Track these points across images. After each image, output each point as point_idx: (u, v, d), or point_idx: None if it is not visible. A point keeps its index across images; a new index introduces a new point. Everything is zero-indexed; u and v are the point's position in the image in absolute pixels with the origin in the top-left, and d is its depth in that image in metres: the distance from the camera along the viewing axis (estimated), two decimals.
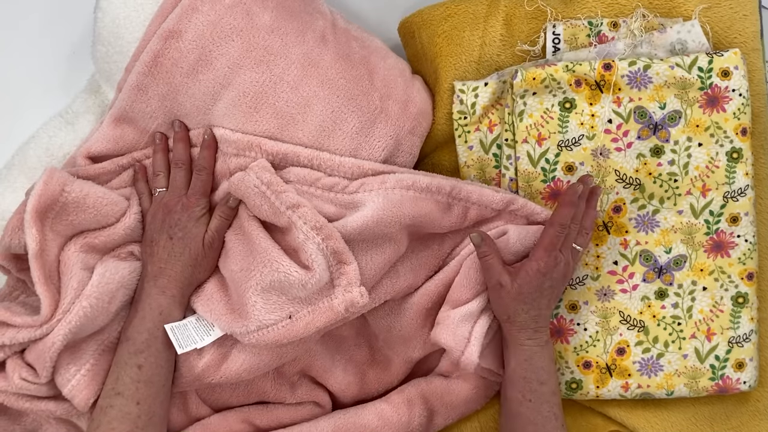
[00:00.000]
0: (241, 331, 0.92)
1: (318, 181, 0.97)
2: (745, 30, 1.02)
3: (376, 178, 0.97)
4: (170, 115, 1.00)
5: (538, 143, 1.01)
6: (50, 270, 0.93)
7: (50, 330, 0.90)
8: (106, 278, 0.92)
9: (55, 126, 1.06)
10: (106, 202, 0.96)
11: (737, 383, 1.03)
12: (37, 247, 0.91)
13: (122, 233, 0.98)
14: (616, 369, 1.04)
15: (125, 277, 0.95)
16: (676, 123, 1.00)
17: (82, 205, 0.94)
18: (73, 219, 0.94)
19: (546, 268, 0.95)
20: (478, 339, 0.97)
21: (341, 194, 0.97)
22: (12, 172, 1.04)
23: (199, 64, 0.97)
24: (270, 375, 1.04)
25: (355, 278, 0.93)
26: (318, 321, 0.93)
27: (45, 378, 0.91)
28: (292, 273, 0.90)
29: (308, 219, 0.92)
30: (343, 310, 0.93)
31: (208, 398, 1.03)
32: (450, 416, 1.07)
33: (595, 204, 1.00)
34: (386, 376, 1.08)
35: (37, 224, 0.91)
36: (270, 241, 0.94)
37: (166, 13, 0.97)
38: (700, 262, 1.02)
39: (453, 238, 1.03)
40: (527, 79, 0.99)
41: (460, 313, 0.98)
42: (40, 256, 0.91)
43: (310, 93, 0.98)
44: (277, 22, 0.98)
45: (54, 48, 1.12)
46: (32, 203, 0.91)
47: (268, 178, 0.95)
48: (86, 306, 0.90)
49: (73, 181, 0.94)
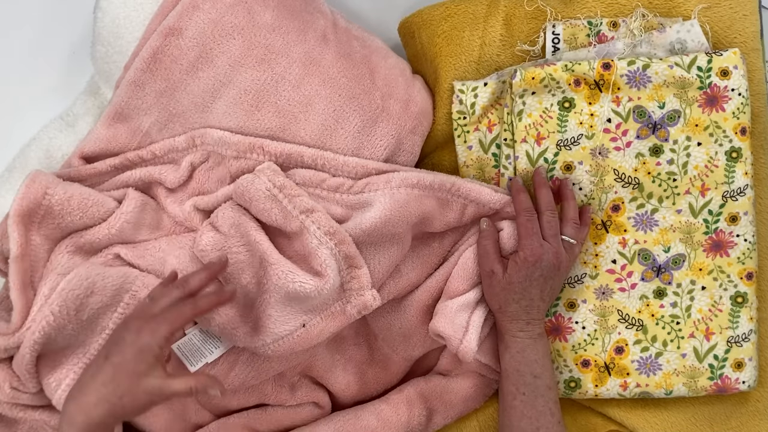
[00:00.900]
0: (257, 345, 0.93)
1: (323, 182, 0.97)
2: (744, 30, 1.02)
3: (380, 177, 0.98)
4: (166, 111, 0.99)
5: (537, 143, 1.01)
6: (33, 273, 0.92)
7: (22, 339, 0.88)
8: (71, 284, 0.88)
9: (55, 128, 1.06)
10: (92, 203, 0.95)
11: (736, 383, 1.03)
12: (18, 251, 0.90)
13: (106, 232, 0.95)
14: (615, 368, 1.04)
15: (96, 283, 0.89)
16: (675, 122, 1.00)
17: (67, 207, 0.93)
18: (60, 222, 0.94)
19: (532, 256, 0.96)
20: (476, 327, 0.98)
21: (347, 195, 0.97)
22: (14, 175, 1.05)
23: (200, 61, 0.97)
24: (271, 377, 1.04)
25: (366, 282, 0.94)
26: (331, 326, 0.94)
27: (33, 388, 0.90)
28: (307, 282, 0.90)
29: (322, 224, 0.92)
30: (356, 313, 0.94)
31: (207, 403, 1.02)
32: (449, 415, 1.07)
33: (569, 194, 1.00)
34: (385, 375, 1.08)
35: (20, 228, 0.91)
36: (279, 254, 0.93)
37: (166, 11, 0.97)
38: (699, 261, 1.02)
39: (453, 235, 1.03)
40: (526, 78, 0.99)
41: (457, 302, 0.98)
42: (20, 260, 0.90)
43: (311, 92, 0.98)
44: (278, 20, 0.98)
45: (53, 49, 1.12)
46: (14, 207, 0.91)
47: (281, 182, 0.94)
48: (48, 315, 0.87)
49: (57, 184, 0.93)
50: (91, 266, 0.93)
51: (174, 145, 0.99)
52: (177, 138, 0.99)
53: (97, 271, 0.91)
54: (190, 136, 0.99)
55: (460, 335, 0.97)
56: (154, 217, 0.99)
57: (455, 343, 0.98)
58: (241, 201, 0.96)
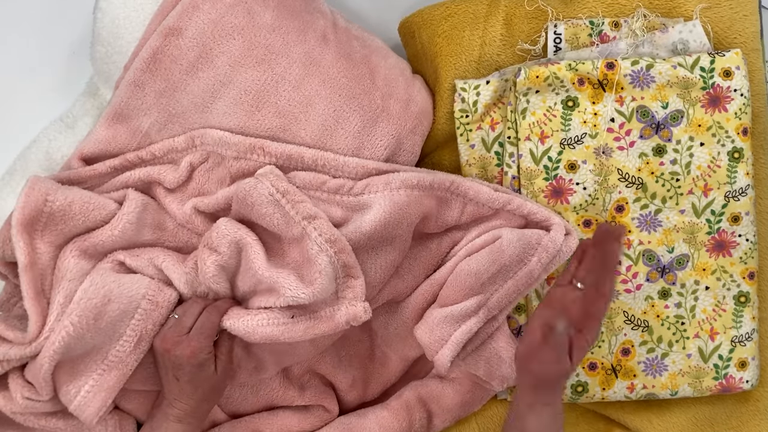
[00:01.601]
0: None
1: (324, 184, 0.97)
2: (745, 30, 1.02)
3: (380, 178, 0.97)
4: (165, 112, 0.98)
5: (541, 141, 1.01)
6: (42, 281, 0.92)
7: (39, 348, 0.88)
8: (89, 294, 0.89)
9: (55, 130, 1.06)
10: (93, 207, 0.94)
11: (740, 382, 1.03)
12: (26, 260, 0.90)
13: (109, 234, 0.94)
14: (622, 370, 1.03)
15: (113, 291, 0.91)
16: (678, 122, 1.00)
17: (69, 212, 0.93)
18: (63, 227, 0.93)
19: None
20: (456, 343, 0.97)
21: (347, 196, 0.97)
22: (14, 177, 1.04)
23: (199, 61, 0.96)
24: (278, 377, 1.04)
25: (360, 293, 0.93)
26: (317, 328, 0.93)
27: (47, 395, 0.90)
28: (299, 296, 0.90)
29: (324, 231, 0.92)
30: (344, 322, 0.93)
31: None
32: (446, 418, 1.06)
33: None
34: (385, 373, 1.08)
35: (25, 237, 0.90)
36: (272, 270, 0.92)
37: (166, 11, 0.97)
38: (702, 261, 1.02)
39: (452, 236, 1.03)
40: (530, 77, 0.99)
41: (442, 313, 0.98)
42: (30, 269, 0.90)
43: (311, 92, 0.98)
44: (278, 21, 0.98)
45: (53, 49, 1.12)
46: (16, 216, 0.90)
47: (285, 187, 0.93)
48: (68, 326, 0.87)
49: (57, 189, 0.92)
50: (104, 273, 0.92)
51: (173, 146, 0.99)
52: (176, 138, 0.99)
53: (112, 279, 0.91)
54: (190, 136, 0.98)
55: (437, 347, 0.97)
56: (155, 217, 0.98)
57: (430, 353, 0.98)
58: (242, 205, 0.95)
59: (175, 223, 0.99)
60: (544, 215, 0.99)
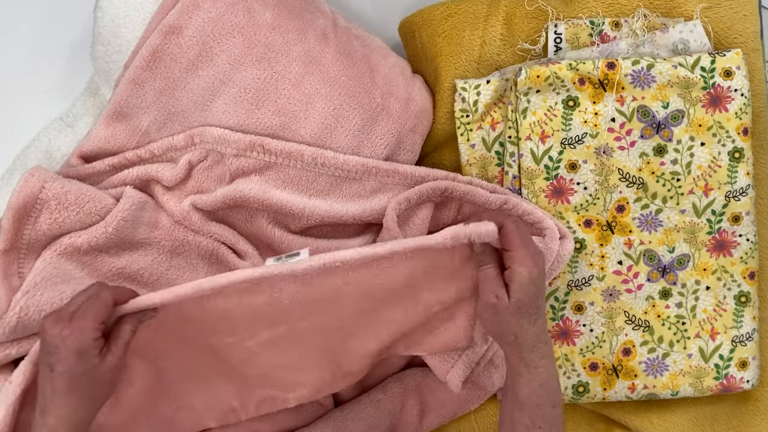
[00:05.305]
0: None
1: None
2: (745, 30, 1.02)
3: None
4: (165, 110, 0.98)
5: (542, 141, 1.01)
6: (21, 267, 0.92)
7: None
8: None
9: (55, 129, 1.06)
10: (88, 198, 0.93)
11: (741, 382, 1.03)
12: (5, 245, 0.90)
13: (103, 231, 0.93)
14: (623, 370, 1.03)
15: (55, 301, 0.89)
16: (679, 122, 1.00)
17: (64, 201, 0.92)
18: (57, 217, 0.92)
19: (536, 266, 0.82)
20: (467, 364, 0.98)
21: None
22: (14, 177, 1.04)
23: (199, 59, 0.96)
24: None
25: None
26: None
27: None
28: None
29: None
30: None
31: None
32: (442, 414, 1.06)
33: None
34: (384, 365, 1.07)
35: (13, 223, 0.90)
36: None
37: (166, 10, 0.97)
38: (703, 261, 1.02)
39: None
40: (531, 76, 0.99)
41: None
42: (5, 255, 0.90)
43: (311, 90, 0.98)
44: (278, 19, 0.98)
45: (53, 49, 1.12)
46: (11, 200, 0.90)
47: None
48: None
49: (55, 179, 0.92)
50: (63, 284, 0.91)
51: (173, 144, 0.98)
52: (176, 137, 0.98)
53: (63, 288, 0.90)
54: (189, 134, 0.98)
55: (447, 367, 0.98)
56: (152, 216, 0.98)
57: (440, 375, 0.99)
58: None
59: (171, 221, 0.99)
60: (537, 217, 0.99)
